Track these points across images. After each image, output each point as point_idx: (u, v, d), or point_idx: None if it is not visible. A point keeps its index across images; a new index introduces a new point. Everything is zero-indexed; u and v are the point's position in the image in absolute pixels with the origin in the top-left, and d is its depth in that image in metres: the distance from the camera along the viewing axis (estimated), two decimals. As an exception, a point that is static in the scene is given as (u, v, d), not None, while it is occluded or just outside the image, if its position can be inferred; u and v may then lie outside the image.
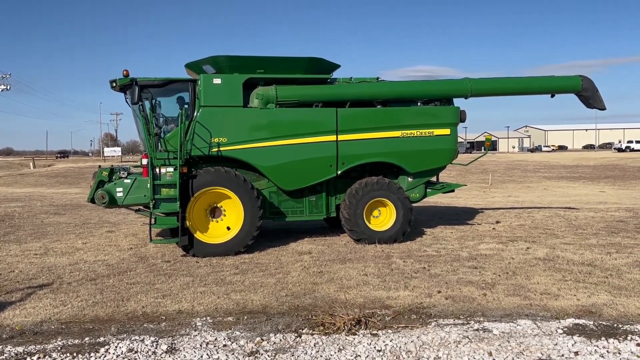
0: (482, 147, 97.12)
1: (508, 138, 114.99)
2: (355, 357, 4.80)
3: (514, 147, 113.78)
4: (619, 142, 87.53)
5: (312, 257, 9.29)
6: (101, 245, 10.65)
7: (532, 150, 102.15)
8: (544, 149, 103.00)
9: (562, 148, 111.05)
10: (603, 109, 12.07)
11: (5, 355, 4.93)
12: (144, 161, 9.48)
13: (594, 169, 42.50)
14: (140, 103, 9.57)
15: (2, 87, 49.82)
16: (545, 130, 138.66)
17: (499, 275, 7.87)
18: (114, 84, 9.90)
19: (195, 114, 9.82)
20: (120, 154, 74.59)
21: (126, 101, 10.24)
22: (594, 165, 46.19)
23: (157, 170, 9.38)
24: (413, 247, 10.19)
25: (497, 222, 13.49)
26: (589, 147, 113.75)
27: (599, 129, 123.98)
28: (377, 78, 11.13)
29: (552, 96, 12.02)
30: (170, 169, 9.38)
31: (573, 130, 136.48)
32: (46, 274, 8.30)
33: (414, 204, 11.05)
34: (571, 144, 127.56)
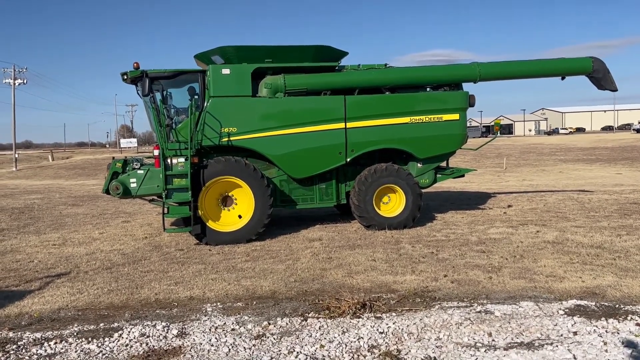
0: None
1: (524, 121, 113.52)
2: (358, 339, 4.94)
3: (530, 130, 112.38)
4: (639, 122, 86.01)
5: (322, 244, 9.44)
6: (117, 235, 10.92)
7: (549, 133, 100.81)
8: (561, 131, 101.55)
9: (579, 130, 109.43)
10: (615, 90, 11.96)
11: (24, 340, 5.16)
12: (156, 152, 9.67)
13: (612, 151, 41.95)
14: (151, 95, 9.73)
15: (19, 81, 50.37)
16: (562, 113, 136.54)
17: (506, 259, 7.94)
18: (125, 77, 10.07)
19: (205, 104, 9.96)
20: (136, 145, 75.19)
21: (137, 93, 10.42)
22: (612, 147, 45.57)
23: (169, 160, 9.56)
24: (423, 232, 10.28)
25: (509, 206, 13.49)
26: (607, 128, 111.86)
27: (617, 110, 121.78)
28: (385, 64, 11.14)
29: (563, 78, 11.93)
30: (182, 159, 9.54)
31: (591, 111, 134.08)
32: (64, 263, 8.57)
33: (424, 190, 11.10)
34: (589, 125, 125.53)
